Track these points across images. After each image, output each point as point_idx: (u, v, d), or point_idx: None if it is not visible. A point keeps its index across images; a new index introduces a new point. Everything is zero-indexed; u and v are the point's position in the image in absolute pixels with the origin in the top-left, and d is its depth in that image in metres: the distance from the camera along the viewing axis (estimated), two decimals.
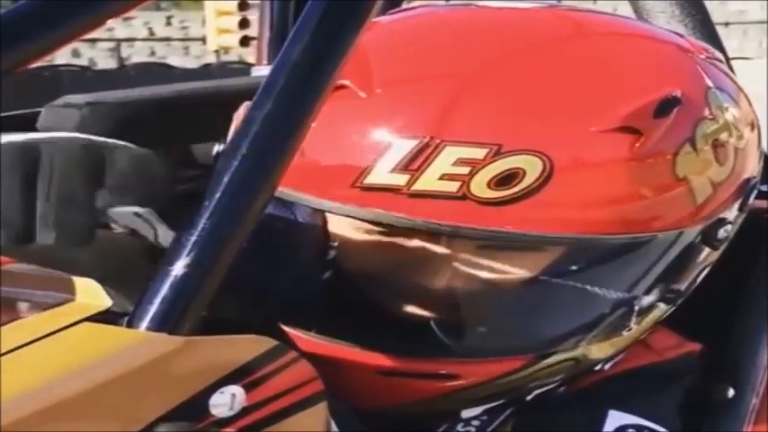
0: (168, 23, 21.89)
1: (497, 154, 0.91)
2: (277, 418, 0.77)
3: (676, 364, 1.16)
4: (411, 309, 1.00)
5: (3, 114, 1.24)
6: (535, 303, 1.01)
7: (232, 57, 19.24)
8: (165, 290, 0.72)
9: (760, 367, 1.22)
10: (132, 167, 0.78)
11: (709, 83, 1.05)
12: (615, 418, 1.07)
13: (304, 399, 0.79)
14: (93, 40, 21.60)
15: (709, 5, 1.50)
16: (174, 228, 0.76)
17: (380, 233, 0.97)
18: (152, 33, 22.04)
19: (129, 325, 0.72)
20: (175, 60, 20.80)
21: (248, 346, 0.75)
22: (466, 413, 1.07)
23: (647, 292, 1.03)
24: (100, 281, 0.77)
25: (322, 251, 1.00)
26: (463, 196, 0.91)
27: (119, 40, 21.22)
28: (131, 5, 0.79)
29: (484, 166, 0.91)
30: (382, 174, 0.92)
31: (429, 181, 0.91)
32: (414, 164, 0.91)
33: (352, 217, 0.95)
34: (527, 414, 1.09)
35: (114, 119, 1.17)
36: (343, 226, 0.99)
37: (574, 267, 0.99)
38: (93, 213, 0.76)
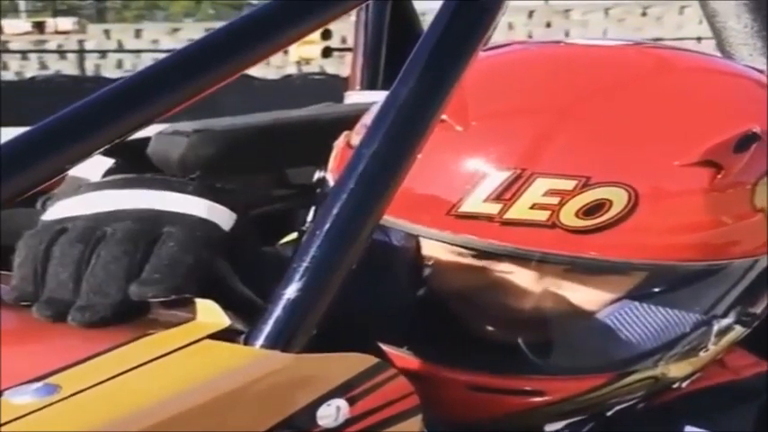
0: None
1: (586, 185, 0.95)
2: (376, 429, 0.82)
3: (751, 382, 1.20)
4: (499, 328, 1.05)
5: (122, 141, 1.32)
6: (617, 324, 1.05)
7: (313, 67, 19.34)
8: (278, 311, 0.78)
9: None
10: (174, 255, 0.82)
11: None
12: None
13: (401, 412, 0.84)
14: (137, 51, 21.81)
15: None
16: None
17: (472, 257, 1.02)
18: None
19: (246, 343, 0.78)
20: (256, 71, 20.93)
21: (352, 363, 0.80)
22: (549, 427, 1.11)
23: (724, 314, 1.06)
24: None
25: (415, 273, 1.06)
26: (553, 225, 0.95)
27: (161, 52, 21.43)
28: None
29: (573, 197, 0.95)
30: (476, 203, 0.97)
31: (521, 210, 0.96)
32: (506, 194, 0.96)
33: (446, 243, 1.01)
34: (608, 428, 1.13)
35: (219, 146, 1.24)
36: (437, 249, 1.04)
37: (654, 291, 1.03)
38: (121, 298, 0.81)
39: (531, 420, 1.09)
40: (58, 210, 0.88)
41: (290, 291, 0.78)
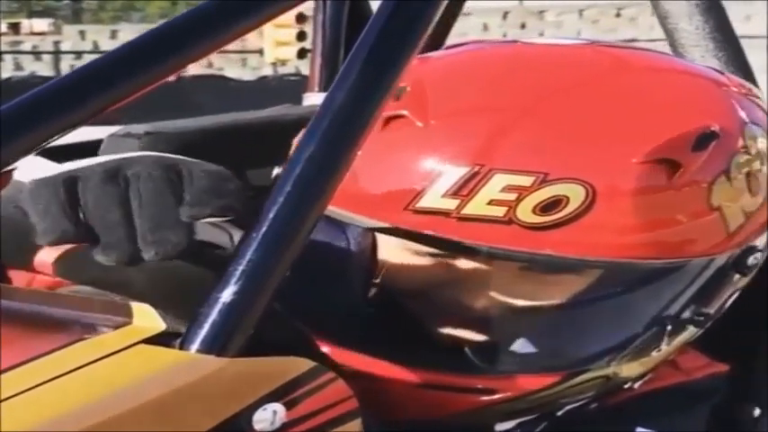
0: None
1: (543, 182, 0.96)
2: None
3: (703, 384, 1.21)
4: (452, 326, 1.05)
5: (62, 145, 1.31)
6: (572, 323, 1.06)
7: (289, 69, 19.34)
8: (214, 315, 0.77)
9: None
10: (209, 182, 0.84)
11: (744, 116, 1.09)
12: None
13: (340, 415, 0.83)
14: None
15: None
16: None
17: (428, 254, 1.02)
18: None
19: (181, 347, 0.78)
20: (233, 72, 20.93)
21: (289, 367, 0.80)
22: (499, 426, 1.11)
23: (678, 314, 1.07)
24: (155, 305, 0.83)
25: (370, 272, 1.06)
26: (509, 221, 0.96)
27: None
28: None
29: (530, 193, 0.96)
30: (434, 198, 0.97)
31: (478, 206, 0.96)
32: (464, 189, 0.96)
33: (403, 237, 1.01)
34: (560, 429, 1.13)
35: (171, 148, 1.24)
36: (392, 247, 1.04)
37: (610, 290, 1.04)
38: (185, 227, 0.82)
39: (482, 419, 1.09)
40: (51, 168, 0.85)
41: (226, 294, 0.78)
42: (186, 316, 0.80)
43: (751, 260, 1.08)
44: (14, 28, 25.06)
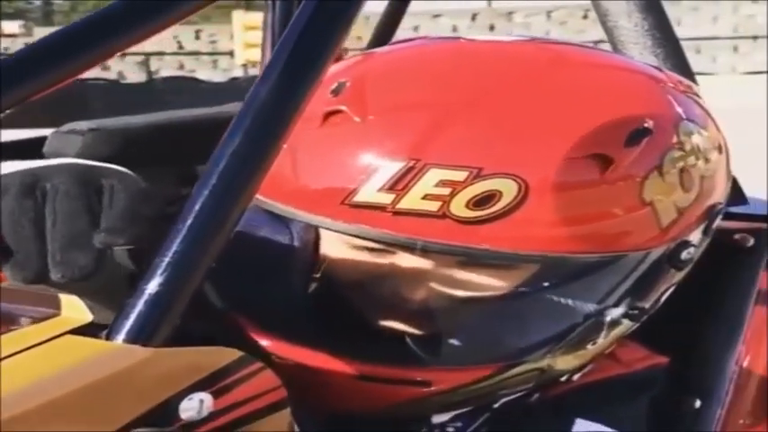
0: (197, 37, 22.01)
1: (477, 177, 0.96)
2: (242, 423, 0.83)
3: (643, 375, 1.22)
4: (391, 319, 1.06)
5: (10, 141, 1.32)
6: (508, 316, 1.06)
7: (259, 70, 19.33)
8: (140, 306, 0.79)
9: (725, 379, 1.28)
10: (126, 206, 0.84)
11: (680, 112, 1.10)
12: (581, 426, 1.13)
13: (268, 405, 0.85)
14: (123, 54, 21.73)
15: None
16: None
17: (366, 248, 1.03)
18: (181, 47, 22.14)
19: (108, 338, 0.79)
20: (204, 74, 20.87)
21: (215, 357, 0.82)
22: (436, 418, 1.12)
23: (613, 308, 1.07)
24: (90, 298, 0.84)
25: (311, 265, 1.07)
26: (443, 215, 0.96)
27: (148, 54, 21.34)
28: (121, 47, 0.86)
29: (464, 188, 0.96)
30: (370, 192, 0.97)
31: (413, 200, 0.96)
32: (399, 184, 0.97)
33: (340, 232, 1.01)
34: (500, 420, 1.14)
35: (115, 143, 1.25)
36: (333, 241, 1.05)
37: (544, 283, 1.05)
38: (95, 251, 0.83)
39: (419, 410, 1.10)
40: None
41: (152, 285, 0.79)
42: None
43: (684, 255, 1.09)
44: None
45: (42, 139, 1.29)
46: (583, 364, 1.13)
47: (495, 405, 1.14)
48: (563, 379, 1.14)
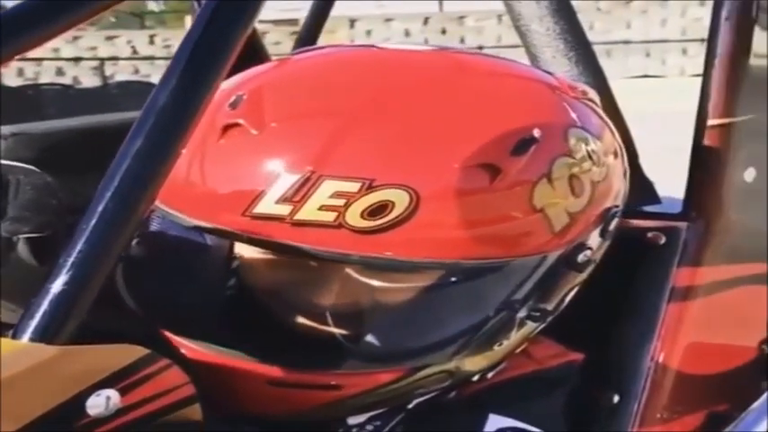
0: (152, 42, 21.89)
1: (369, 188, 0.98)
2: (151, 419, 0.85)
3: (557, 372, 1.24)
4: (300, 323, 1.08)
5: None
6: (412, 321, 1.08)
7: None
8: (45, 305, 0.81)
9: (642, 374, 1.31)
10: (33, 196, 0.87)
11: (571, 120, 1.12)
12: (495, 422, 1.15)
13: (177, 401, 0.87)
14: (77, 59, 21.59)
15: None
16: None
17: (272, 255, 1.05)
18: (135, 52, 22.01)
19: (14, 337, 0.81)
20: (159, 78, 20.72)
21: (121, 354, 0.84)
22: (352, 420, 1.14)
23: (516, 311, 1.10)
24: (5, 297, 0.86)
25: (224, 270, 1.09)
26: (339, 225, 0.98)
27: (102, 59, 21.20)
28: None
29: (357, 199, 0.98)
30: (269, 204, 0.99)
31: (309, 211, 0.99)
32: (297, 195, 0.99)
33: (243, 242, 1.03)
34: (416, 420, 1.16)
35: (37, 148, 1.25)
36: (243, 248, 1.07)
37: (446, 289, 1.07)
38: (2, 241, 0.85)
39: (331, 414, 1.12)
40: None
41: (57, 285, 0.81)
42: None
43: (581, 257, 1.12)
44: None
45: None
46: (492, 364, 1.16)
47: (410, 405, 1.16)
48: (475, 378, 1.17)
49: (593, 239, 1.13)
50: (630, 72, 18.11)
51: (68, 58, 21.82)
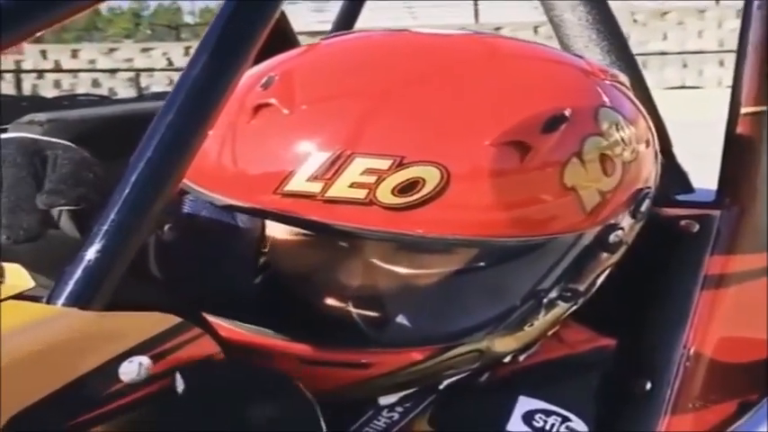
0: (186, 54, 21.95)
1: (400, 165, 0.99)
2: None
3: (589, 356, 1.25)
4: (331, 302, 1.09)
5: None
6: (444, 299, 1.09)
7: None
8: (78, 272, 0.82)
9: (675, 361, 1.30)
10: (69, 170, 0.88)
11: (604, 101, 1.13)
12: (524, 404, 1.15)
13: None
14: (113, 71, 21.78)
15: None
16: None
17: (305, 235, 1.07)
18: (170, 63, 22.15)
19: (48, 302, 0.82)
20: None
21: (154, 322, 0.85)
22: (383, 400, 1.15)
23: (548, 291, 1.10)
24: (45, 271, 0.88)
25: (257, 251, 1.10)
26: (370, 202, 0.99)
27: (138, 70, 21.35)
28: None
29: (388, 176, 0.99)
30: (300, 182, 1.00)
31: (340, 188, 0.99)
32: (328, 173, 0.99)
33: (274, 220, 1.05)
34: (446, 401, 1.16)
35: (72, 133, 1.27)
36: (275, 228, 1.09)
37: (477, 267, 1.07)
38: (39, 214, 0.87)
39: (363, 393, 1.13)
40: None
41: (90, 252, 0.82)
42: None
43: (613, 237, 1.12)
44: None
45: (3, 131, 1.32)
46: (524, 345, 1.16)
47: (441, 386, 1.16)
48: (507, 360, 1.17)
49: (625, 220, 1.14)
50: (668, 83, 18.05)
51: (105, 69, 22.01)
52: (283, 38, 1.60)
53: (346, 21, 1.84)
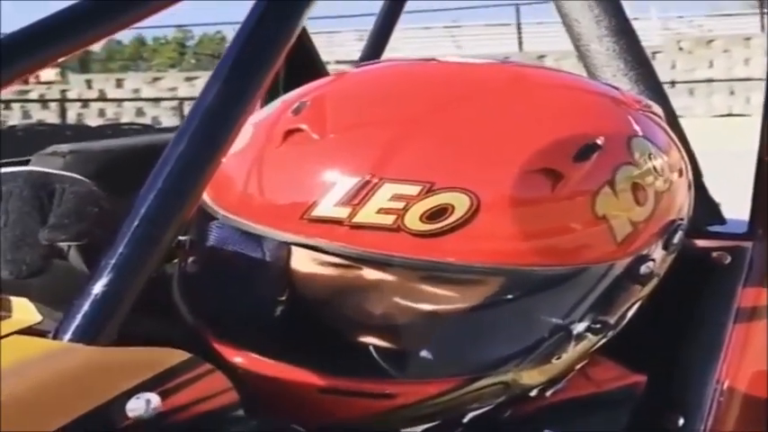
0: None
1: (429, 191, 0.98)
2: (192, 424, 0.84)
3: (618, 394, 1.23)
4: (356, 332, 1.07)
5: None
6: (470, 329, 1.07)
7: None
8: (85, 307, 0.81)
9: (707, 397, 1.28)
10: (74, 205, 0.88)
11: (636, 130, 1.11)
12: None
13: (218, 407, 0.86)
14: (157, 99, 21.95)
15: None
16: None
17: (330, 263, 1.05)
18: None
19: (55, 337, 0.81)
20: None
21: (163, 357, 0.83)
22: None
23: (576, 323, 1.08)
24: (53, 304, 0.87)
25: (281, 279, 1.08)
26: (398, 228, 0.98)
27: (182, 99, 21.51)
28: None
29: (417, 202, 0.98)
30: (327, 207, 0.99)
31: (368, 214, 0.98)
32: (355, 198, 0.99)
33: (300, 246, 1.03)
34: None
35: (94, 165, 1.27)
36: (300, 256, 1.07)
37: (504, 297, 1.05)
38: (42, 249, 0.86)
39: (386, 424, 1.11)
40: None
41: (98, 286, 0.81)
42: None
43: (644, 269, 1.09)
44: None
45: (26, 162, 1.32)
46: (550, 379, 1.14)
47: (465, 420, 1.14)
48: (533, 394, 1.14)
49: (657, 251, 1.12)
50: (715, 110, 17.94)
51: (148, 98, 22.19)
52: (311, 66, 1.60)
53: (375, 48, 1.83)
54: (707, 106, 17.85)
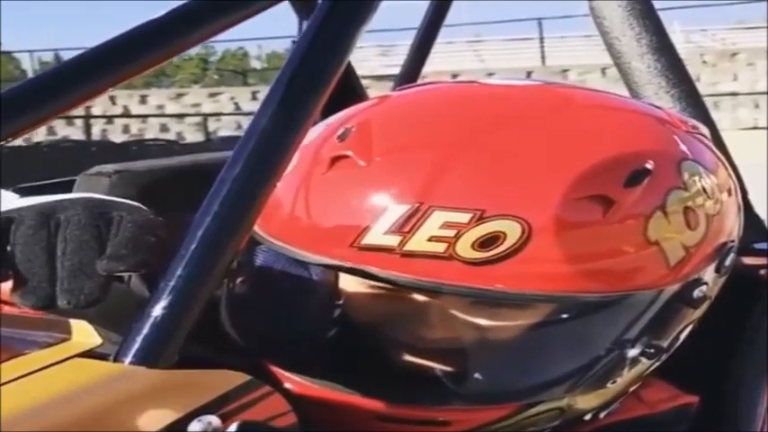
0: (254, 98, 22.20)
1: (480, 219, 0.97)
2: None
3: (669, 416, 1.22)
4: (408, 359, 1.06)
5: (42, 183, 1.35)
6: (525, 355, 1.06)
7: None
8: (146, 329, 0.80)
9: (759, 416, 1.28)
10: (132, 234, 0.88)
11: (685, 153, 1.11)
12: None
13: (277, 429, 0.85)
14: (181, 115, 22.05)
15: None
16: None
17: (381, 289, 1.04)
18: (238, 108, 22.37)
19: (116, 360, 0.81)
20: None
21: (223, 380, 0.83)
22: None
23: (630, 347, 1.07)
24: (111, 327, 0.87)
25: (329, 304, 1.08)
26: (450, 257, 0.97)
27: (206, 115, 21.60)
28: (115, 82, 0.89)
29: (468, 230, 0.97)
30: (377, 235, 0.99)
31: (419, 242, 0.98)
32: (405, 226, 0.98)
33: (351, 274, 1.03)
34: None
35: (138, 185, 1.28)
36: (349, 281, 1.06)
37: (559, 323, 1.04)
38: (100, 279, 0.86)
39: None
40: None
41: (157, 309, 0.81)
42: None
43: (697, 293, 1.09)
44: None
45: (72, 182, 1.33)
46: (605, 402, 1.13)
47: None
48: (587, 418, 1.14)
49: (709, 275, 1.11)
50: (740, 123, 17.90)
51: (172, 114, 22.28)
52: (351, 89, 1.60)
53: (413, 68, 1.83)
54: (732, 120, 17.80)
